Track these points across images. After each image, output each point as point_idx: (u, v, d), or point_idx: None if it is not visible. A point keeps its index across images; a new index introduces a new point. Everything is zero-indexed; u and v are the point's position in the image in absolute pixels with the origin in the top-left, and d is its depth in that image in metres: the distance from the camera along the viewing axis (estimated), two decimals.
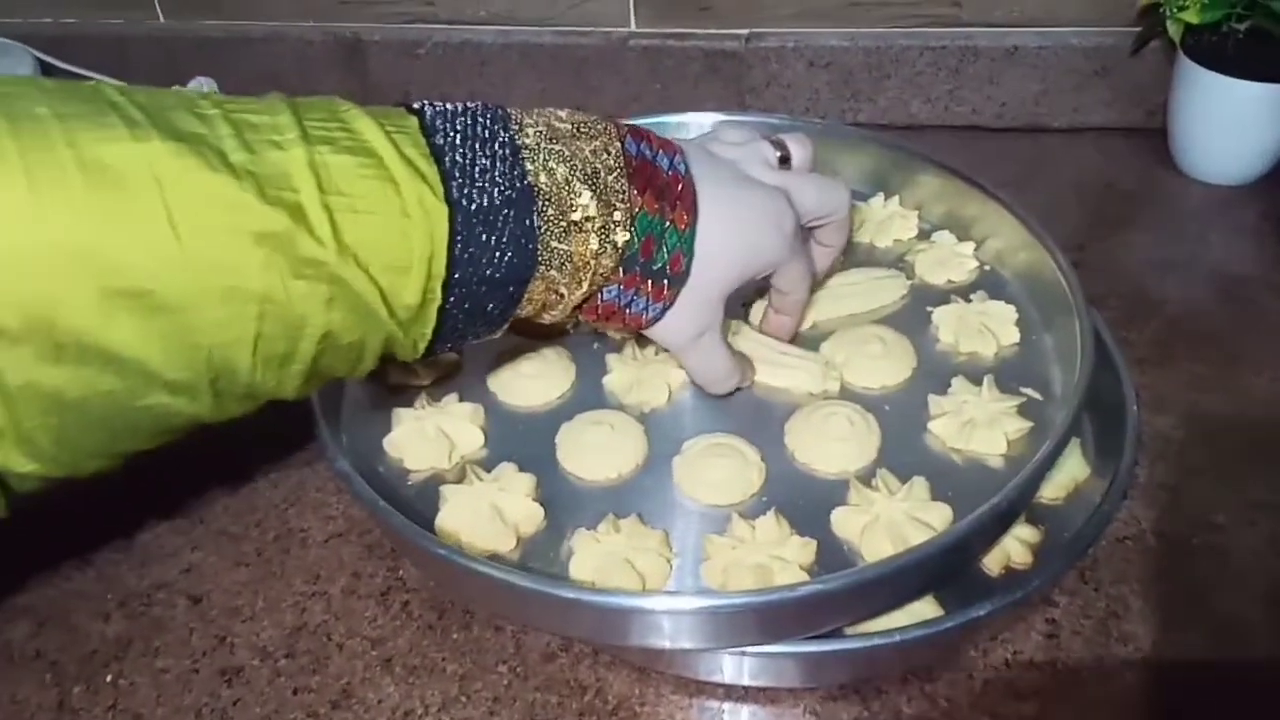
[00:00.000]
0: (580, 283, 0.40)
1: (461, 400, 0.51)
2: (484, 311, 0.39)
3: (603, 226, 0.39)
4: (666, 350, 0.48)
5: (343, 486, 0.44)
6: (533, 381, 0.52)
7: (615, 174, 0.40)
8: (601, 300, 0.42)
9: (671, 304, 0.44)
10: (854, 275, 0.57)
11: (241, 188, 0.32)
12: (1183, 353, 0.59)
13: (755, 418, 0.50)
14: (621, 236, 0.40)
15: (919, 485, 0.45)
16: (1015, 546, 0.47)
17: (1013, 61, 0.77)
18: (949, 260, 0.58)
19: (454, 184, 0.36)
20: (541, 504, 0.46)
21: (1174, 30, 0.67)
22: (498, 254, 0.37)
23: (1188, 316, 0.62)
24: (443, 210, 0.36)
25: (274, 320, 0.34)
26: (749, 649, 0.41)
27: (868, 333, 0.53)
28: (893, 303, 0.56)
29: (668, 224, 0.42)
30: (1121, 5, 0.74)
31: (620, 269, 0.41)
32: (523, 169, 0.38)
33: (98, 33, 0.89)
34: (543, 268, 0.39)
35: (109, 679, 0.47)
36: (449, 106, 0.38)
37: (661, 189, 0.42)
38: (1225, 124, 0.69)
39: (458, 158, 0.37)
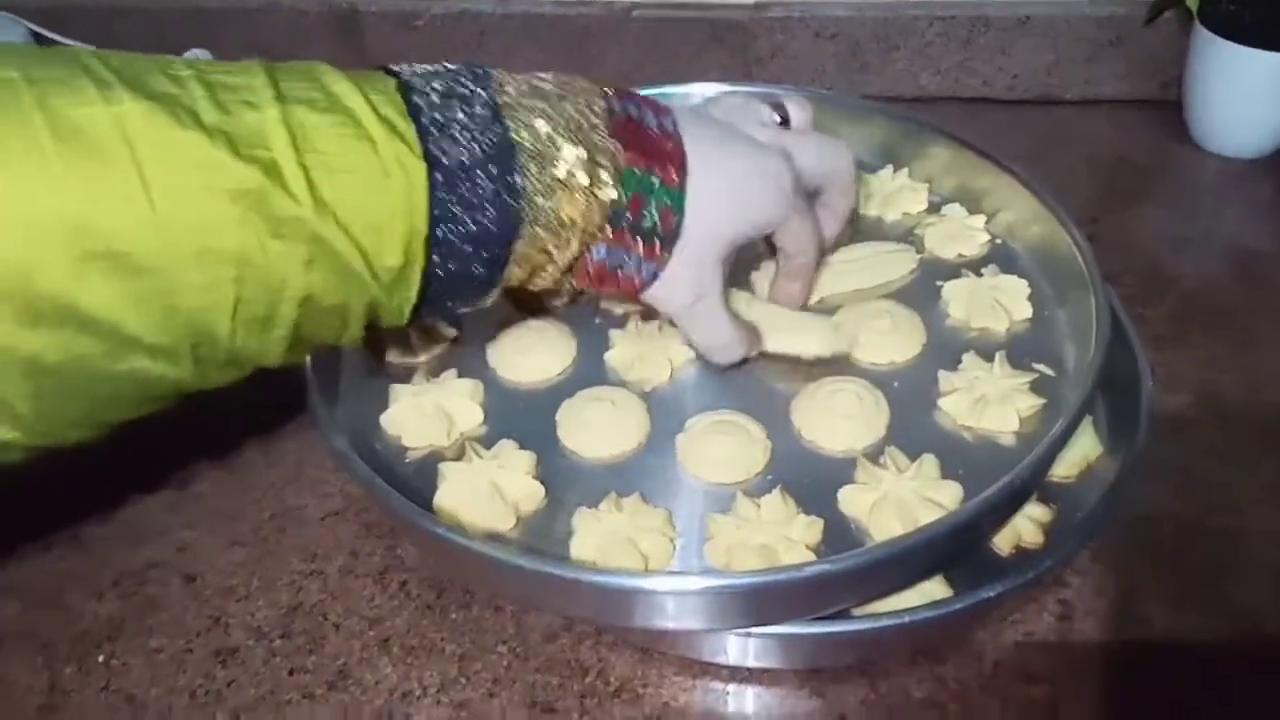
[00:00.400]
0: (568, 242, 0.39)
1: (460, 376, 0.50)
2: (470, 274, 0.38)
3: (588, 183, 0.39)
4: (670, 322, 0.47)
5: (340, 464, 0.43)
6: (533, 357, 0.51)
7: (599, 130, 0.39)
8: (592, 261, 0.41)
9: (665, 265, 0.42)
10: (861, 249, 0.56)
11: (214, 145, 0.31)
12: (1198, 330, 0.58)
13: (760, 394, 0.48)
14: (608, 193, 0.39)
15: (929, 463, 0.44)
16: (1026, 526, 0.46)
17: (1024, 31, 0.75)
18: (959, 234, 0.57)
19: (431, 141, 0.36)
20: (542, 482, 0.45)
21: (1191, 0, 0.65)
22: (480, 212, 0.37)
23: (1203, 293, 0.61)
24: (421, 167, 0.35)
25: (253, 283, 0.33)
26: (754, 630, 0.40)
27: (876, 307, 0.52)
28: (901, 277, 0.55)
29: (656, 180, 0.41)
30: None
31: (608, 226, 0.40)
32: (503, 125, 0.37)
33: (91, 4, 0.87)
34: (528, 225, 0.38)
35: (101, 659, 0.46)
36: (428, 67, 0.38)
37: (649, 146, 0.41)
38: (1243, 95, 0.67)
39: (436, 115, 0.36)
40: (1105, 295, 0.47)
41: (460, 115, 0.37)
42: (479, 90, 0.38)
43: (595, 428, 0.47)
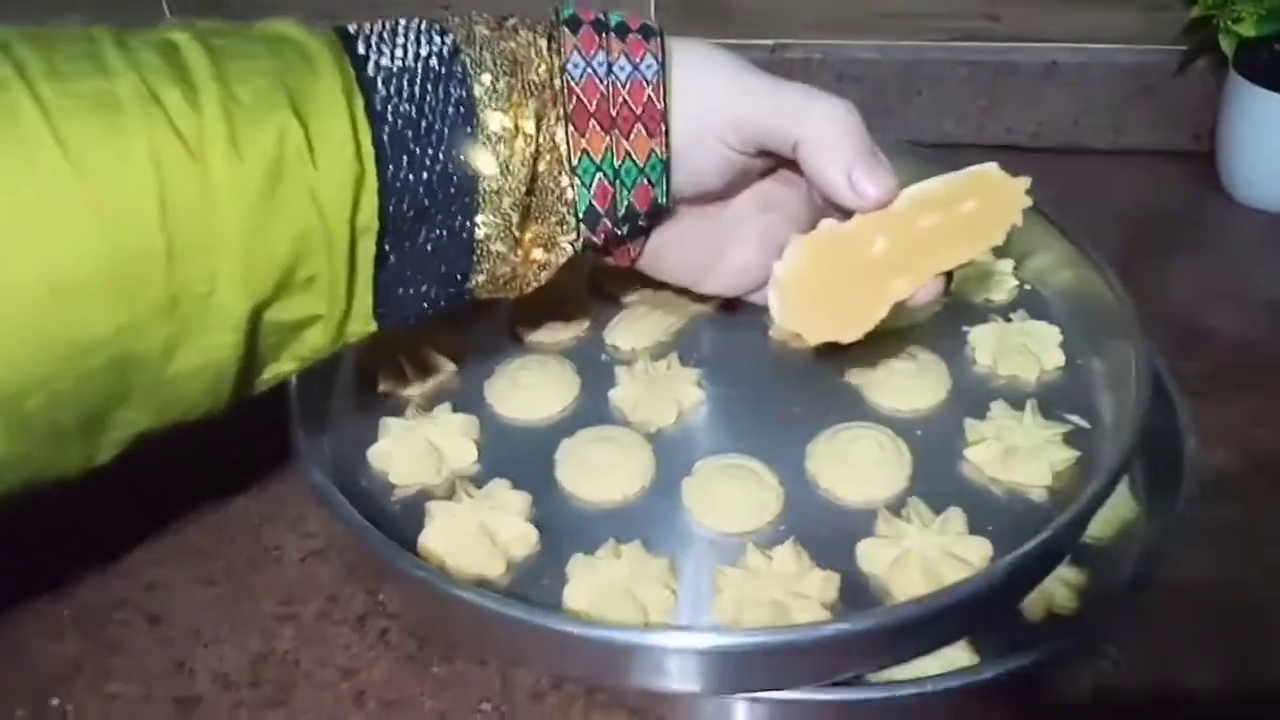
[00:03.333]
0: (530, 62, 0.35)
1: (455, 411, 0.47)
2: (434, 221, 0.34)
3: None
4: (676, 362, 0.43)
5: (318, 499, 0.40)
6: (533, 393, 0.48)
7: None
8: (575, 81, 0.35)
9: (661, 55, 0.36)
10: None
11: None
12: (1237, 385, 0.55)
13: (774, 439, 0.45)
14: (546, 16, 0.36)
15: (955, 517, 0.41)
16: (1059, 589, 0.43)
17: (1051, 79, 0.73)
18: (987, 277, 0.54)
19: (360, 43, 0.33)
20: (536, 525, 0.42)
21: (1226, 44, 0.63)
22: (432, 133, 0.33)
23: (1242, 348, 0.58)
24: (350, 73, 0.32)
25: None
26: (761, 694, 0.37)
27: (898, 351, 0.49)
28: (927, 322, 0.52)
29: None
30: (1167, 21, 0.70)
31: (567, 31, 0.36)
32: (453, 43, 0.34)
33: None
34: (469, 47, 0.34)
35: (55, 703, 0.43)
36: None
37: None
38: (1278, 146, 0.65)
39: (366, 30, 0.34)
40: (1145, 342, 0.44)
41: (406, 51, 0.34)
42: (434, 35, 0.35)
43: (596, 469, 0.44)
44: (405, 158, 0.33)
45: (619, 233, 0.38)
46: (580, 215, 0.37)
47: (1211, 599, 0.44)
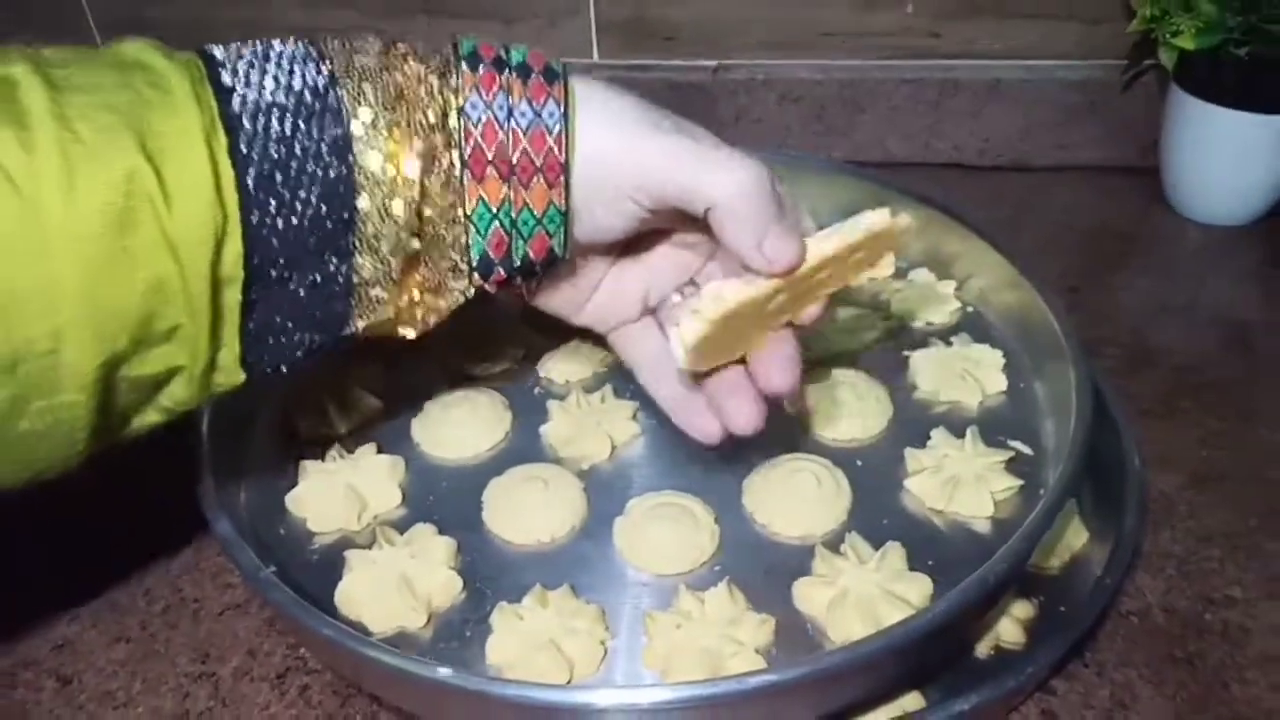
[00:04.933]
0: (419, 101, 0.32)
1: (380, 451, 0.45)
2: (307, 266, 0.31)
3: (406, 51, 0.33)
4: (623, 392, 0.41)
5: (223, 550, 0.38)
6: (462, 430, 0.46)
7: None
8: (473, 124, 0.33)
9: (564, 102, 0.33)
10: None
11: None
12: (1189, 405, 0.54)
13: (711, 473, 0.44)
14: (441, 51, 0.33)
15: (894, 553, 0.39)
16: (1006, 624, 0.41)
17: (995, 96, 0.73)
18: (929, 300, 0.53)
19: (224, 68, 0.31)
20: (461, 572, 0.40)
21: (1167, 58, 0.62)
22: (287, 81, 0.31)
23: (1193, 366, 0.57)
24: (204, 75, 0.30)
25: None
26: None
27: (838, 379, 0.47)
28: (865, 346, 0.51)
29: (496, 43, 0.34)
30: (1110, 36, 0.69)
31: (465, 68, 0.33)
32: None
33: None
34: (348, 78, 0.31)
35: None
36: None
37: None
38: (1223, 159, 0.64)
39: (231, 54, 0.31)
40: (1085, 365, 0.43)
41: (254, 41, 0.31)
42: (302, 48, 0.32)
43: (524, 510, 0.42)
44: (273, 202, 0.30)
45: (514, 280, 0.36)
46: (473, 264, 0.34)
47: (1161, 629, 0.43)
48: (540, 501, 0.42)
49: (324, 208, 0.31)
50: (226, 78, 0.30)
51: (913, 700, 0.38)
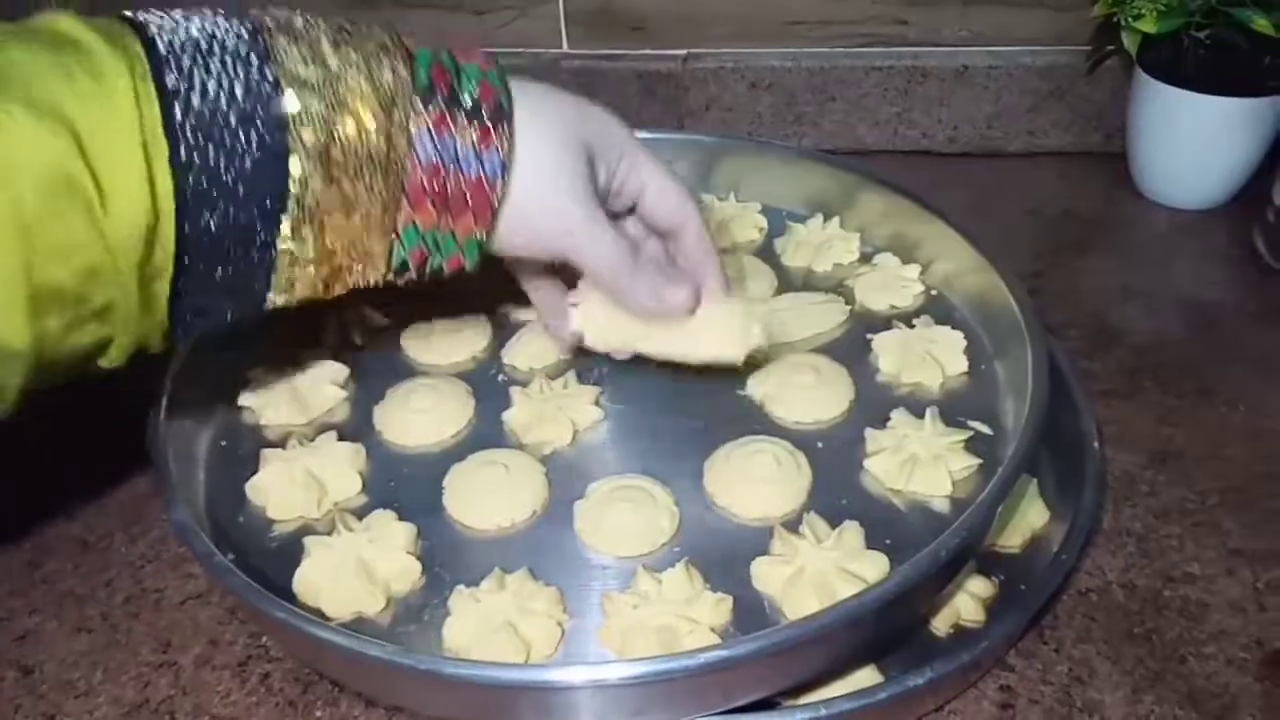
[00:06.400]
0: (358, 118, 0.32)
1: (341, 439, 0.45)
2: (231, 257, 0.32)
3: (361, 58, 0.33)
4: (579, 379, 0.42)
5: (179, 538, 0.38)
6: (424, 417, 0.46)
7: (386, 47, 0.34)
8: (421, 164, 0.34)
9: (508, 153, 0.35)
10: (787, 300, 0.52)
11: None
12: (1150, 385, 0.54)
13: (672, 456, 0.44)
14: (403, 71, 0.33)
15: (850, 531, 0.39)
16: (966, 602, 0.42)
17: (963, 82, 0.73)
18: (892, 284, 0.53)
19: (158, 40, 0.30)
20: (420, 557, 0.40)
21: (1130, 42, 0.63)
22: (226, 101, 0.30)
23: (1155, 347, 0.57)
24: (144, 66, 0.29)
25: None
26: None
27: (800, 362, 0.47)
28: (830, 330, 0.51)
29: (463, 61, 0.35)
30: (1076, 23, 0.70)
31: (418, 101, 0.34)
32: (253, 29, 0.32)
33: None
34: (297, 96, 0.31)
35: None
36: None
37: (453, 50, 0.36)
38: (1187, 143, 0.65)
39: (166, 26, 0.31)
40: (1044, 344, 0.43)
41: (197, 25, 0.31)
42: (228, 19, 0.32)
43: (484, 495, 0.42)
44: (207, 211, 0.30)
45: (422, 280, 0.37)
46: (392, 266, 0.36)
47: (1120, 606, 0.43)
48: (500, 486, 0.42)
49: (255, 213, 0.31)
50: (170, 79, 0.30)
51: (869, 675, 0.39)
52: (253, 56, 0.31)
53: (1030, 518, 0.45)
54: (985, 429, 0.44)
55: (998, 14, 0.71)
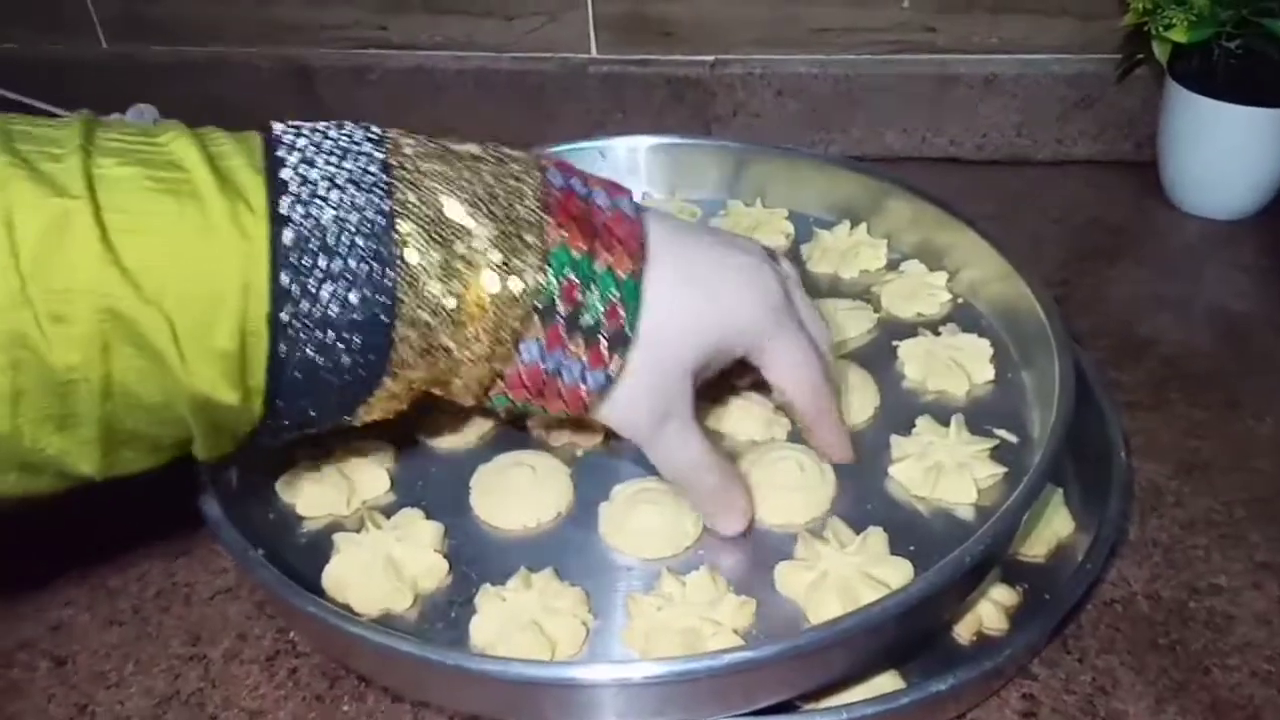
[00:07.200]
0: (475, 336, 0.32)
1: (369, 438, 0.46)
2: (337, 371, 0.32)
3: (503, 262, 0.32)
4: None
5: (212, 533, 0.39)
6: (451, 418, 0.47)
7: (526, 201, 0.33)
8: (523, 364, 0.34)
9: (617, 373, 0.35)
10: None
11: None
12: (1178, 396, 0.54)
13: None
14: (531, 278, 0.32)
15: (875, 537, 0.39)
16: (989, 610, 0.42)
17: (991, 90, 0.73)
18: (919, 291, 0.53)
19: (287, 198, 0.30)
20: (448, 556, 0.40)
21: (1160, 51, 0.62)
22: (346, 288, 0.30)
23: (1183, 357, 0.57)
24: (263, 227, 0.29)
25: (31, 369, 0.28)
26: None
27: None
28: (856, 337, 0.51)
29: (600, 266, 0.34)
30: (1105, 31, 0.70)
31: (537, 320, 0.33)
32: (387, 185, 0.31)
33: (38, 56, 0.85)
34: (409, 307, 0.31)
35: None
36: (318, 125, 0.33)
37: (594, 225, 0.34)
38: (1218, 153, 0.64)
39: (301, 170, 0.31)
40: (1071, 353, 0.43)
41: (333, 168, 0.31)
42: (366, 144, 0.32)
43: (511, 496, 0.43)
44: (299, 397, 0.32)
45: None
46: (482, 407, 0.37)
47: (1145, 617, 0.43)
48: (527, 487, 0.43)
49: (346, 398, 0.33)
50: (284, 278, 0.30)
51: (891, 680, 0.39)
52: (379, 256, 0.31)
53: (1055, 527, 0.45)
54: (1011, 437, 0.44)
55: (1026, 22, 0.71)
